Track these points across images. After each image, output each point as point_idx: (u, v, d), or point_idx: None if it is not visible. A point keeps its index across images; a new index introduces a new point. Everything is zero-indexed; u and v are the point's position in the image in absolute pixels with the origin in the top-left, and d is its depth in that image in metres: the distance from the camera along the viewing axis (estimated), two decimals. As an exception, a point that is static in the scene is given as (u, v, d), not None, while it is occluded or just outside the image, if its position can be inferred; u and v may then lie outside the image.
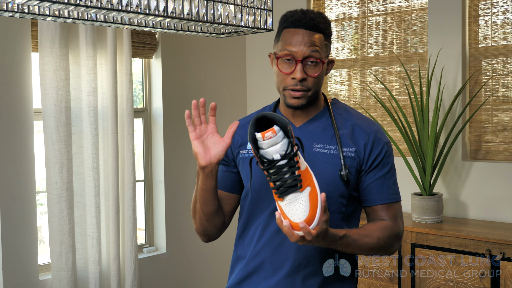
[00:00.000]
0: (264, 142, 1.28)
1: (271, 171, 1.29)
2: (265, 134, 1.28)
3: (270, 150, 1.29)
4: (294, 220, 1.27)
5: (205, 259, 3.65)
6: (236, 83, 3.94)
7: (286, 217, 1.28)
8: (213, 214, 1.55)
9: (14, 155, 2.74)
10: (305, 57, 1.48)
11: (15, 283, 2.74)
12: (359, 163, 1.52)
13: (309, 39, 1.49)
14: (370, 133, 1.55)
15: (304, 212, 1.28)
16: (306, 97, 1.51)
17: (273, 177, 1.29)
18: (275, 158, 1.28)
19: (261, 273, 1.55)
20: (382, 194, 1.53)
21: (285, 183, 1.29)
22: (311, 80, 1.50)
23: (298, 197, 1.29)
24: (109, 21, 1.61)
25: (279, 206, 1.31)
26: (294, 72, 1.49)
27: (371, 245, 1.46)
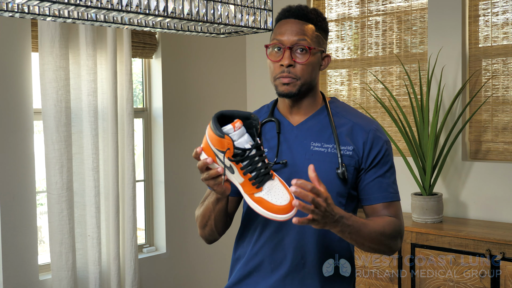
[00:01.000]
0: (235, 133, 1.29)
1: (245, 162, 1.29)
2: (235, 125, 1.29)
3: (241, 141, 1.29)
4: (281, 203, 1.28)
5: (205, 259, 3.65)
6: (236, 83, 3.94)
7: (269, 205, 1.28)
8: (224, 225, 1.59)
9: (14, 155, 2.74)
10: (293, 45, 1.50)
11: (15, 283, 2.74)
12: (357, 161, 1.52)
13: (297, 27, 1.52)
14: (369, 132, 1.54)
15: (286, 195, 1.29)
16: (296, 85, 1.51)
17: (247, 169, 1.29)
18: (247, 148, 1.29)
19: (260, 273, 1.55)
20: (382, 193, 1.53)
21: (260, 172, 1.30)
22: (299, 67, 1.50)
23: (273, 184, 1.31)
24: (109, 21, 1.61)
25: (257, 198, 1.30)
26: (282, 59, 1.50)
27: (378, 233, 1.45)
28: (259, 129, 1.32)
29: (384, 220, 1.50)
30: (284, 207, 1.28)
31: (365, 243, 1.45)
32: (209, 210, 1.54)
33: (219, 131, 1.28)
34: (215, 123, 1.30)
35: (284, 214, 1.28)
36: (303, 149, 1.53)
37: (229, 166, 1.31)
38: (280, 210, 1.28)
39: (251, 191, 1.31)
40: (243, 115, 1.33)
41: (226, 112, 1.34)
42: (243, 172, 1.30)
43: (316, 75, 1.56)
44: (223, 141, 1.28)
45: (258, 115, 1.65)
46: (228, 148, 1.28)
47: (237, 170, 1.30)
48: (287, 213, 1.28)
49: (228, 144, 1.28)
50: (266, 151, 1.56)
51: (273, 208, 1.28)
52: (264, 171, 1.30)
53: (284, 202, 1.28)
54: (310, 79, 1.53)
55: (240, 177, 1.31)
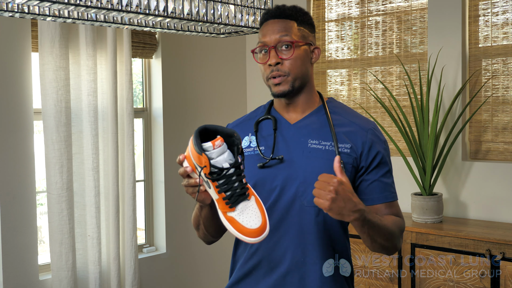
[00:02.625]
0: (214, 151, 1.28)
1: (221, 181, 1.29)
2: (215, 143, 1.28)
3: (220, 159, 1.28)
4: (251, 227, 1.28)
5: (205, 259, 3.65)
6: (236, 83, 3.94)
7: (240, 226, 1.28)
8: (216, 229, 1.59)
9: (14, 155, 2.74)
10: (276, 43, 1.51)
11: (15, 283, 2.74)
12: (355, 159, 1.52)
13: (278, 26, 1.53)
14: (368, 131, 1.55)
15: (258, 218, 1.29)
16: (287, 82, 1.52)
17: (223, 188, 1.29)
18: (225, 167, 1.28)
19: (259, 272, 1.55)
20: (384, 193, 1.54)
21: (235, 192, 1.29)
22: (286, 63, 1.51)
23: (247, 205, 1.30)
24: (109, 21, 1.61)
25: (229, 217, 1.30)
26: (269, 59, 1.51)
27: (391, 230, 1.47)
28: (240, 148, 1.31)
29: (392, 218, 1.52)
30: (254, 231, 1.27)
31: (378, 239, 1.45)
32: (197, 216, 1.56)
33: (198, 147, 1.28)
34: (197, 138, 1.30)
35: (253, 238, 1.28)
36: (300, 147, 1.53)
37: (206, 181, 1.31)
38: (250, 233, 1.28)
39: (224, 209, 1.30)
40: (226, 132, 1.32)
41: (210, 127, 1.34)
42: (218, 191, 1.29)
43: (308, 69, 1.56)
44: (201, 158, 1.28)
45: (254, 115, 1.66)
46: (205, 165, 1.27)
47: (213, 187, 1.30)
48: (256, 237, 1.28)
49: (205, 161, 1.27)
50: (263, 148, 1.56)
51: (243, 230, 1.28)
52: (240, 192, 1.29)
53: (254, 225, 1.28)
54: (301, 73, 1.54)
55: (215, 194, 1.31)
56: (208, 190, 1.33)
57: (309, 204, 1.50)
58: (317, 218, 1.51)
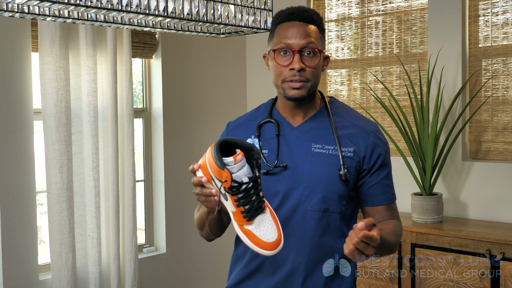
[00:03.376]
0: (235, 165, 1.27)
1: (240, 195, 1.29)
2: (237, 158, 1.28)
3: (240, 174, 1.28)
4: (267, 240, 1.29)
5: (205, 258, 3.65)
6: (236, 83, 3.94)
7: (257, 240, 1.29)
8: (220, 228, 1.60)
9: (14, 155, 2.74)
10: (302, 48, 1.49)
11: (15, 283, 2.74)
12: (358, 163, 1.52)
13: (304, 30, 1.51)
14: (370, 133, 1.55)
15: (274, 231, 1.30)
16: (306, 88, 1.51)
17: (241, 201, 1.29)
18: (244, 181, 1.28)
19: (262, 273, 1.55)
20: (385, 195, 1.56)
21: (253, 205, 1.29)
22: (309, 70, 1.50)
23: (263, 218, 1.31)
24: (109, 21, 1.61)
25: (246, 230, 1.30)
26: (292, 63, 1.49)
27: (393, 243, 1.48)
28: (259, 162, 1.31)
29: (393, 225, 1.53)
30: (270, 244, 1.29)
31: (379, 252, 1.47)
32: (202, 219, 1.56)
33: (220, 162, 1.27)
34: (217, 152, 1.29)
35: (269, 251, 1.29)
36: (304, 151, 1.53)
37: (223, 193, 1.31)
38: (266, 246, 1.29)
39: (241, 221, 1.31)
40: (246, 146, 1.32)
41: (230, 140, 1.33)
42: (236, 204, 1.29)
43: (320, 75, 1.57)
44: (222, 173, 1.27)
45: (255, 114, 1.65)
46: (225, 180, 1.27)
47: (231, 200, 1.30)
48: (272, 250, 1.29)
49: (226, 177, 1.27)
50: (266, 152, 1.56)
51: (260, 243, 1.29)
52: (257, 205, 1.30)
53: (271, 238, 1.29)
54: (318, 81, 1.54)
55: (233, 207, 1.31)
56: (225, 202, 1.33)
57: (312, 208, 1.50)
58: (320, 222, 1.51)
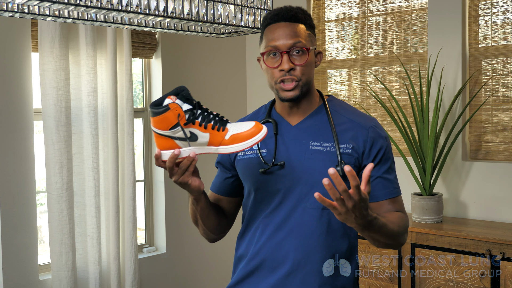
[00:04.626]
0: (176, 101, 1.32)
1: (200, 117, 1.33)
2: (170, 97, 1.32)
3: (185, 106, 1.32)
4: (249, 127, 1.35)
5: (205, 259, 3.65)
6: (236, 83, 3.94)
7: (241, 135, 1.34)
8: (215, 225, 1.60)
9: (14, 155, 2.74)
10: (289, 48, 1.49)
11: (15, 283, 2.74)
12: (357, 159, 1.52)
13: (290, 30, 1.51)
14: (369, 129, 1.54)
15: (250, 123, 1.36)
16: (299, 87, 1.51)
17: (206, 120, 1.33)
18: (191, 107, 1.33)
19: (262, 272, 1.55)
20: (387, 189, 1.54)
21: (216, 117, 1.35)
22: (299, 69, 1.50)
23: (232, 124, 1.37)
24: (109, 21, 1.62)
25: (229, 139, 1.34)
26: (281, 64, 1.50)
27: (394, 231, 1.46)
28: (190, 94, 1.35)
29: (396, 216, 1.51)
30: (255, 128, 1.35)
31: (381, 239, 1.45)
32: (193, 211, 1.56)
33: (162, 107, 1.30)
34: (153, 106, 1.32)
35: (259, 133, 1.35)
36: (302, 149, 1.53)
37: (189, 135, 1.33)
38: (254, 132, 1.34)
39: (220, 138, 1.34)
40: (172, 93, 1.35)
41: (157, 100, 1.36)
42: (203, 127, 1.33)
43: (313, 73, 1.57)
44: (171, 113, 1.30)
45: (256, 116, 1.65)
46: (178, 114, 1.30)
47: (197, 130, 1.33)
48: (260, 131, 1.35)
49: (177, 109, 1.30)
50: (265, 152, 1.56)
51: (247, 134, 1.34)
52: (220, 117, 1.35)
53: (251, 125, 1.35)
54: (310, 79, 1.54)
55: (204, 133, 1.33)
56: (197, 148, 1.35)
57: (312, 206, 1.50)
58: (320, 220, 1.51)
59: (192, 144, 1.34)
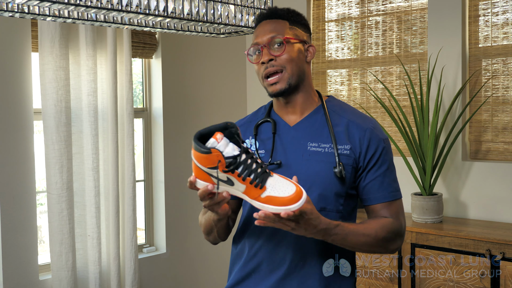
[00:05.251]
0: (220, 144, 1.27)
1: (240, 168, 1.27)
2: (216, 136, 1.27)
3: (228, 150, 1.27)
4: (289, 194, 1.27)
5: (205, 259, 3.65)
6: (236, 83, 3.94)
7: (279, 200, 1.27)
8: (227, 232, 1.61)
9: (14, 155, 2.74)
10: (268, 42, 1.52)
11: (15, 283, 2.74)
12: (355, 160, 1.51)
13: (269, 26, 1.54)
14: (366, 130, 1.53)
15: (290, 184, 1.29)
16: (284, 80, 1.52)
17: (245, 173, 1.28)
18: (236, 154, 1.27)
19: (259, 274, 1.54)
20: (382, 193, 1.52)
21: (257, 172, 1.28)
22: (280, 59, 1.51)
23: (274, 180, 1.30)
24: (109, 21, 1.62)
25: (264, 198, 1.28)
26: (262, 58, 1.52)
27: (369, 238, 1.45)
28: (239, 134, 1.31)
29: (379, 223, 1.49)
30: (294, 196, 1.27)
31: (355, 248, 1.47)
32: (210, 225, 1.56)
33: (204, 148, 1.26)
34: (197, 142, 1.28)
35: (297, 202, 1.27)
36: (300, 150, 1.52)
37: (226, 179, 1.29)
38: (291, 199, 1.27)
39: (256, 194, 1.29)
40: (220, 127, 1.31)
41: (204, 131, 1.32)
42: (242, 178, 1.28)
43: (303, 67, 1.56)
44: (212, 157, 1.26)
45: (255, 116, 1.65)
46: (219, 160, 1.26)
47: (235, 179, 1.28)
48: (299, 200, 1.27)
49: (217, 156, 1.25)
50: (263, 152, 1.56)
51: (284, 200, 1.27)
52: (262, 170, 1.29)
53: (291, 191, 1.27)
54: (297, 69, 1.53)
55: (241, 184, 1.29)
56: (231, 189, 1.31)
57: None
58: None
59: (227, 187, 1.31)
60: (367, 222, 1.49)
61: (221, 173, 1.27)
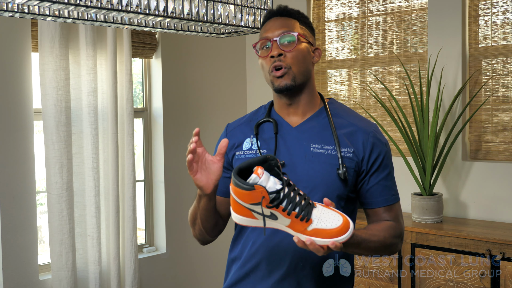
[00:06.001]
0: (261, 179, 1.24)
1: (284, 202, 1.24)
2: (258, 171, 1.24)
3: (270, 184, 1.25)
4: (336, 225, 1.24)
5: (205, 259, 3.65)
6: (236, 83, 3.94)
7: (327, 232, 1.24)
8: (213, 226, 1.59)
9: (14, 155, 2.74)
10: (279, 36, 1.52)
11: (15, 283, 2.74)
12: (357, 164, 1.51)
13: (281, 22, 1.54)
14: (369, 134, 1.53)
15: (336, 215, 1.26)
16: (290, 75, 1.51)
17: (290, 207, 1.24)
18: (279, 188, 1.24)
19: (257, 274, 1.53)
20: (384, 197, 1.53)
21: (302, 204, 1.25)
22: (289, 55, 1.51)
23: (319, 211, 1.26)
24: (109, 21, 1.62)
25: (312, 232, 1.25)
26: (271, 52, 1.52)
27: (378, 244, 1.46)
28: (279, 166, 1.28)
29: (385, 228, 1.50)
30: (341, 227, 1.24)
31: (363, 253, 1.47)
32: (195, 209, 1.55)
33: (246, 185, 1.22)
34: (238, 178, 1.24)
35: (346, 232, 1.25)
36: (302, 151, 1.52)
37: (269, 214, 1.25)
38: (340, 230, 1.24)
39: (302, 227, 1.25)
40: (259, 160, 1.28)
41: (243, 165, 1.29)
42: (287, 213, 1.25)
43: (309, 68, 1.56)
44: (255, 193, 1.22)
45: (255, 116, 1.64)
46: (263, 196, 1.23)
47: (279, 214, 1.25)
48: (347, 231, 1.25)
49: (262, 192, 1.22)
50: (265, 152, 1.56)
51: (332, 233, 1.24)
52: (305, 202, 1.26)
53: (339, 222, 1.25)
54: (303, 68, 1.53)
55: (286, 219, 1.25)
56: (275, 224, 1.28)
57: None
58: None
59: (270, 222, 1.27)
60: (374, 229, 1.49)
61: (265, 209, 1.24)
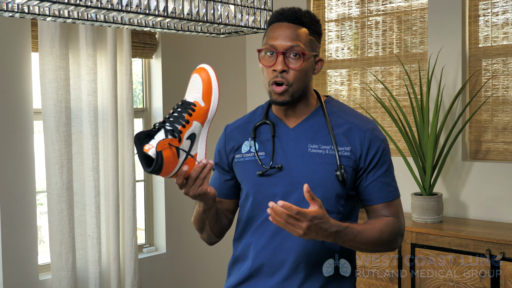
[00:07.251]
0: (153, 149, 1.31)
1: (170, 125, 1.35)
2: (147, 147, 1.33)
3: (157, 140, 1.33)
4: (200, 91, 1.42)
5: (205, 259, 3.65)
6: (236, 83, 3.94)
7: None
8: (221, 228, 1.60)
9: (14, 155, 2.74)
10: (286, 50, 1.47)
11: (15, 283, 2.74)
12: (355, 162, 1.51)
13: (291, 32, 1.48)
14: (366, 131, 1.53)
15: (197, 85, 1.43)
16: (289, 93, 1.49)
17: (176, 119, 1.36)
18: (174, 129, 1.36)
19: (260, 275, 1.54)
20: (382, 193, 1.53)
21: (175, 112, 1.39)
22: (292, 73, 1.47)
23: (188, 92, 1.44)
24: (109, 21, 1.62)
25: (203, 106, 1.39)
26: (275, 64, 1.47)
27: (375, 238, 1.46)
28: (146, 131, 1.36)
29: (382, 222, 1.50)
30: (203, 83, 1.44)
31: (361, 248, 1.47)
32: (201, 219, 1.55)
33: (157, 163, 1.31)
34: (147, 167, 1.34)
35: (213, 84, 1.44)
36: (300, 152, 1.52)
37: (189, 143, 1.37)
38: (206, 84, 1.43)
39: (201, 110, 1.40)
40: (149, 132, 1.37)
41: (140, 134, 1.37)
42: (185, 123, 1.37)
43: (309, 80, 1.54)
44: (167, 154, 1.31)
45: (253, 117, 1.64)
46: (170, 147, 1.32)
47: (186, 130, 1.37)
48: None
49: (165, 145, 1.31)
50: (263, 154, 1.55)
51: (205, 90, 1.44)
52: (174, 108, 1.43)
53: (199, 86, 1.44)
54: (303, 85, 1.51)
55: (192, 125, 1.38)
56: (200, 140, 1.39)
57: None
58: None
59: (195, 144, 1.37)
60: (371, 223, 1.49)
61: (182, 145, 1.36)
